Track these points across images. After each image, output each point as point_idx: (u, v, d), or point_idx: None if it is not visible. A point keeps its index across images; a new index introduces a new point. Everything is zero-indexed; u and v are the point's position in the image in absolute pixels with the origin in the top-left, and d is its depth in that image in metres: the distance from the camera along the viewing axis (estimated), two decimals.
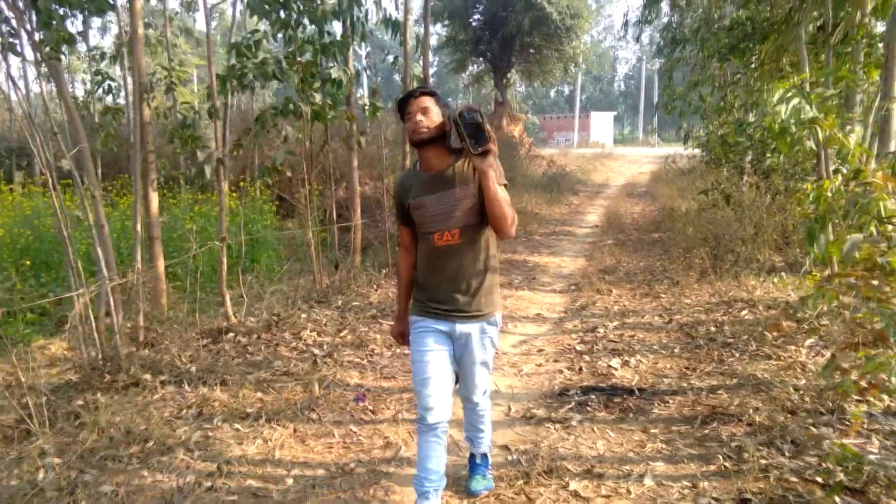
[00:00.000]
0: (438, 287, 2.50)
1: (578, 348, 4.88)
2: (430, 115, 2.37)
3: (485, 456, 2.95)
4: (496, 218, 2.33)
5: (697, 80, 10.89)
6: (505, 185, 2.37)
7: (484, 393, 2.74)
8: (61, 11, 4.66)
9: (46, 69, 4.91)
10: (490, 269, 2.53)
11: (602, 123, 49.23)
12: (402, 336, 2.75)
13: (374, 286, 6.55)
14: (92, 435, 3.25)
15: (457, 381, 2.68)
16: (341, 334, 5.10)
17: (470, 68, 28.20)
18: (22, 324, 5.46)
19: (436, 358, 2.50)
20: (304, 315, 5.45)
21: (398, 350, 4.79)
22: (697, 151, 13.68)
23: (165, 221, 6.65)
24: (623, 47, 77.55)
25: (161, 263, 5.38)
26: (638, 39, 14.07)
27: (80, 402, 3.71)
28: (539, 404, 3.91)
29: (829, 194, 3.23)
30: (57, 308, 5.91)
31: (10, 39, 4.61)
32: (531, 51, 25.33)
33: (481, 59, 27.01)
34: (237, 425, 3.53)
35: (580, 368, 4.44)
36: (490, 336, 2.59)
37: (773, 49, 5.85)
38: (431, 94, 2.44)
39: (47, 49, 4.57)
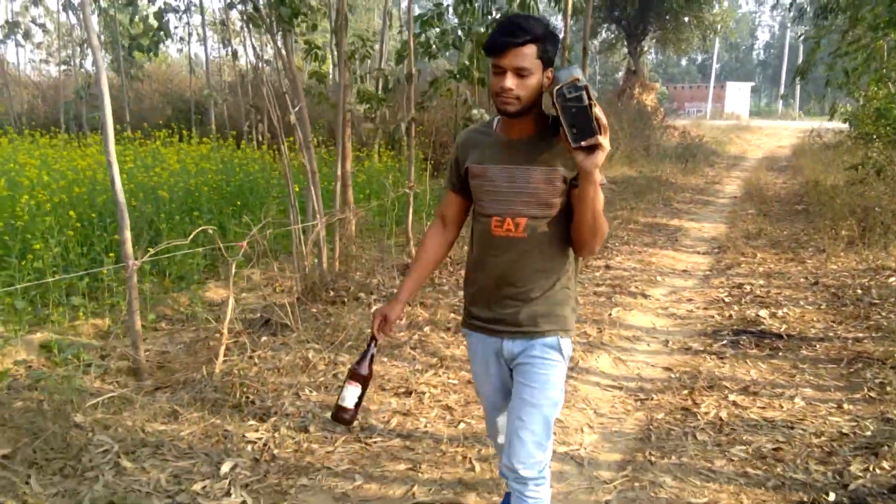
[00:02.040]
0: (485, 288, 1.92)
1: (727, 300, 5.36)
2: (527, 81, 1.71)
3: None
4: (585, 231, 1.76)
5: (847, 49, 10.55)
6: (603, 185, 1.74)
7: (538, 466, 1.85)
8: None
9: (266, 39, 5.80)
10: (561, 276, 1.89)
11: (738, 94, 47.05)
12: (382, 319, 2.00)
13: None
14: (336, 331, 4.17)
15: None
16: None
17: (603, 35, 27.95)
18: (230, 255, 6.59)
19: (494, 392, 2.03)
20: None
21: None
22: (844, 126, 13.24)
23: (353, 172, 7.63)
24: (765, 12, 72.94)
25: (352, 206, 6.33)
26: (791, 7, 13.66)
27: (314, 310, 4.67)
28: (694, 340, 4.48)
29: None
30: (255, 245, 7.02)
31: (253, 12, 5.58)
32: (667, 17, 24.78)
33: (614, 25, 26.71)
34: (442, 335, 4.37)
35: (730, 315, 4.95)
36: (549, 363, 1.86)
37: None
38: (537, 40, 1.70)
39: (283, 22, 5.51)
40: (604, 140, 1.57)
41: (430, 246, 2.06)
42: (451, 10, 6.96)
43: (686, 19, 24.64)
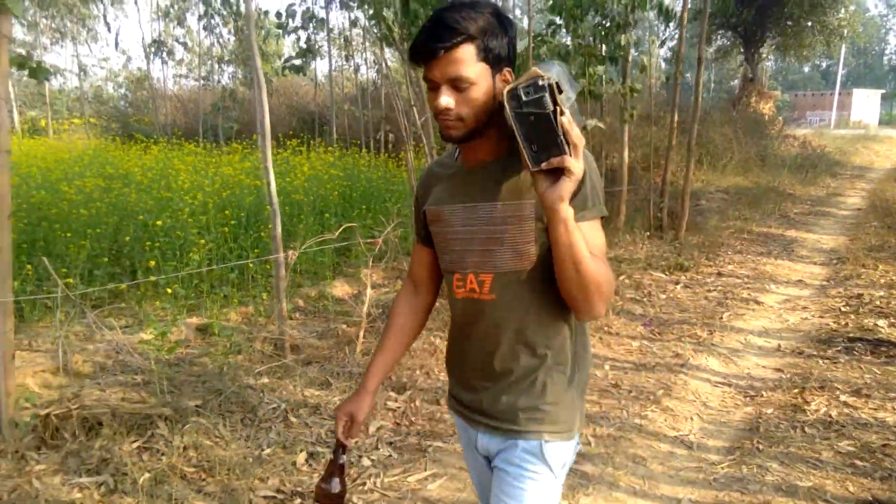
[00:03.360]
0: (459, 364, 1.51)
1: (843, 309, 5.34)
2: (469, 94, 1.27)
3: None
4: (570, 287, 1.25)
5: None
6: (603, 219, 1.36)
7: None
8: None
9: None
10: (554, 352, 1.38)
11: (866, 102, 44.24)
12: (349, 420, 1.54)
13: (640, 244, 7.41)
14: (431, 322, 4.57)
15: None
16: (620, 278, 6.06)
17: (718, 41, 27.20)
18: (354, 258, 7.15)
19: (480, 488, 1.60)
20: None
21: (671, 294, 5.65)
22: None
23: None
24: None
25: None
26: None
27: (437, 304, 5.10)
28: (807, 345, 4.55)
29: None
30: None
31: (386, 32, 6.12)
32: (788, 22, 23.81)
33: (729, 32, 25.93)
34: None
35: (846, 324, 4.95)
36: (528, 476, 1.37)
37: None
38: (474, 37, 1.25)
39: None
40: (573, 162, 1.12)
41: (398, 316, 1.59)
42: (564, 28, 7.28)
43: (808, 24, 23.58)
